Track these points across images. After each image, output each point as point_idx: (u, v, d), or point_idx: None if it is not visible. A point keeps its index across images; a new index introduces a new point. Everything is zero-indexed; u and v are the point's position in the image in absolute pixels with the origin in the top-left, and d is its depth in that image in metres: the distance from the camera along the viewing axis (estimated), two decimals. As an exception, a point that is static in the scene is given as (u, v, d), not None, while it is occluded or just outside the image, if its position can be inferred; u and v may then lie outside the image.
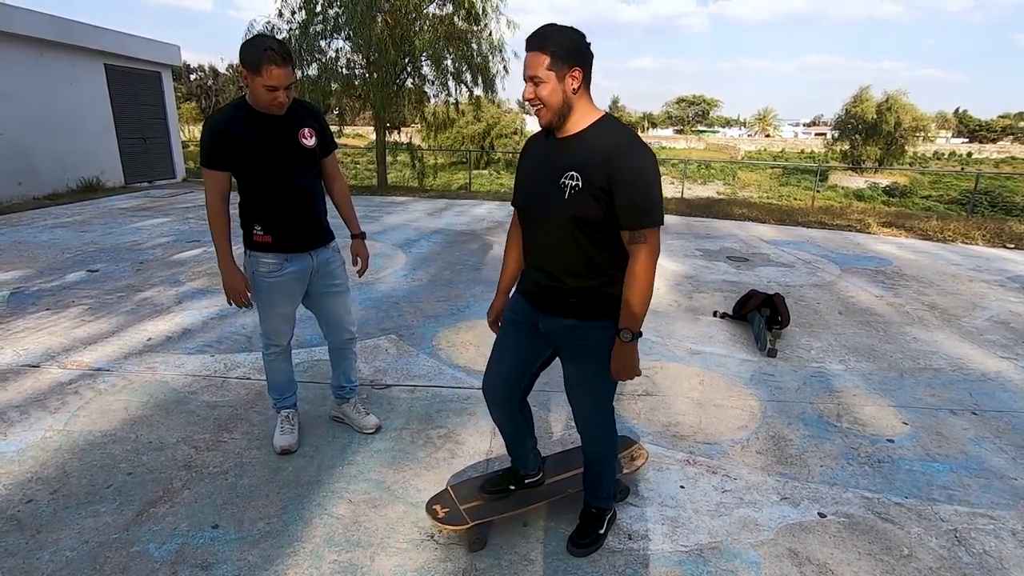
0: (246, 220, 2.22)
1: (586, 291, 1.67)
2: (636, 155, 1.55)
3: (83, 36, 9.99)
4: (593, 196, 1.55)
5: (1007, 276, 5.83)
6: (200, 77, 49.69)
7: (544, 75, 1.55)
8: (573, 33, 1.55)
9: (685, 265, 5.87)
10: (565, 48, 1.53)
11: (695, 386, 3.18)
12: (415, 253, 6.04)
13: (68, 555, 1.86)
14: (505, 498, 2.04)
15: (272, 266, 2.22)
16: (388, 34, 10.35)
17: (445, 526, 1.92)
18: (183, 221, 7.54)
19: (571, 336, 1.73)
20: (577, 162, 1.58)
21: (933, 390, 3.22)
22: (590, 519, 1.99)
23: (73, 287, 4.62)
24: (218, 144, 2.06)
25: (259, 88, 1.97)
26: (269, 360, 2.44)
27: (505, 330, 1.91)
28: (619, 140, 1.56)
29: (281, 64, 1.94)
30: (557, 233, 1.65)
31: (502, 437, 2.06)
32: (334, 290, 2.40)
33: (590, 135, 1.59)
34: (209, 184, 2.13)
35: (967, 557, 1.96)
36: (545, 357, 1.89)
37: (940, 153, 54.90)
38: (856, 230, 8.26)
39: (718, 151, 55.64)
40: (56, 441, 2.48)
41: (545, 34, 1.54)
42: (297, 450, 2.44)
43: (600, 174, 1.54)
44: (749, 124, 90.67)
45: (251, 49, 1.93)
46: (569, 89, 1.56)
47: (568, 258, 1.66)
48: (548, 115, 1.60)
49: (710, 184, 27.50)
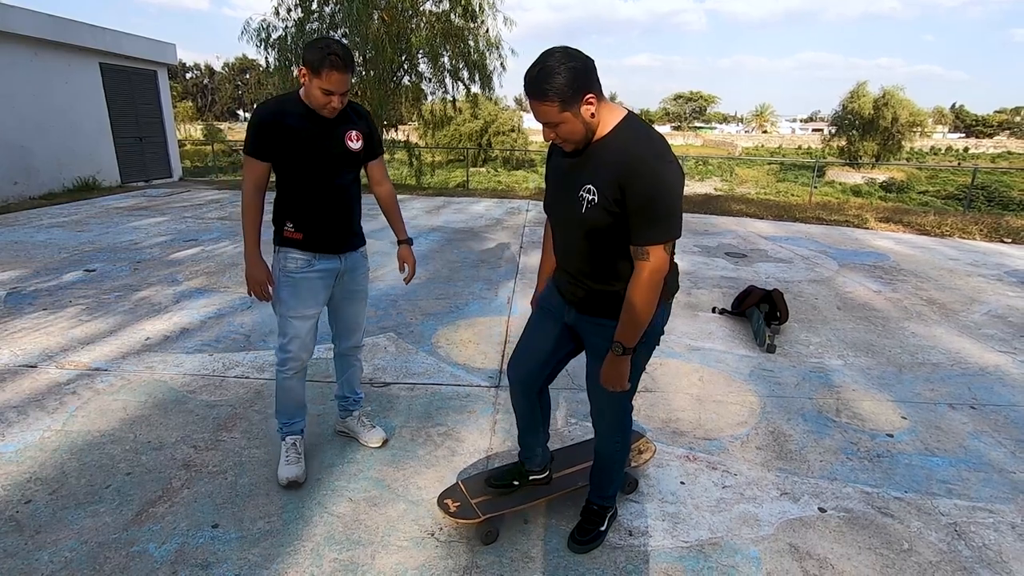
0: (279, 216, 2.17)
1: (608, 294, 1.66)
2: (655, 163, 1.46)
3: (79, 35, 9.93)
4: (608, 210, 1.52)
5: (1004, 271, 5.85)
6: (196, 76, 49.52)
7: (559, 118, 1.48)
8: (570, 65, 1.43)
9: (683, 262, 5.87)
10: (570, 88, 1.43)
11: (694, 382, 3.18)
12: (414, 251, 6.02)
13: (67, 555, 1.85)
14: (509, 493, 2.04)
15: (300, 262, 2.15)
16: (385, 31, 10.32)
17: (458, 520, 1.93)
18: (180, 220, 7.51)
19: (593, 332, 1.74)
20: (594, 176, 1.53)
21: (932, 385, 3.23)
22: (592, 516, 1.99)
23: (70, 287, 4.60)
24: (264, 133, 2.02)
25: (316, 89, 1.96)
26: (284, 378, 2.24)
27: (536, 315, 1.94)
28: (638, 147, 1.48)
29: (342, 70, 1.94)
30: (577, 242, 1.64)
31: (517, 423, 2.05)
32: (357, 297, 2.35)
33: (607, 145, 1.53)
34: (248, 172, 2.09)
35: (967, 551, 1.97)
36: (570, 348, 1.90)
37: (937, 148, 55.03)
38: (854, 225, 8.27)
39: (715, 147, 55.67)
40: (54, 441, 2.47)
41: (544, 82, 1.43)
42: (305, 481, 2.24)
43: (613, 186, 1.49)
44: (747, 120, 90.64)
45: (315, 51, 1.93)
46: (588, 116, 1.48)
47: (589, 266, 1.66)
48: (575, 145, 1.56)
49: (708, 180, 27.49)
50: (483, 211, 8.82)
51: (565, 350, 1.90)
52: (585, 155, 1.57)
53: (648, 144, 1.49)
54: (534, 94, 1.46)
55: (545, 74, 1.43)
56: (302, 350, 2.22)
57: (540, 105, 1.47)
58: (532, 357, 1.92)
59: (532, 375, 1.93)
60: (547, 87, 1.43)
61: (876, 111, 28.25)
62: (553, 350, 1.89)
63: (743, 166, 30.41)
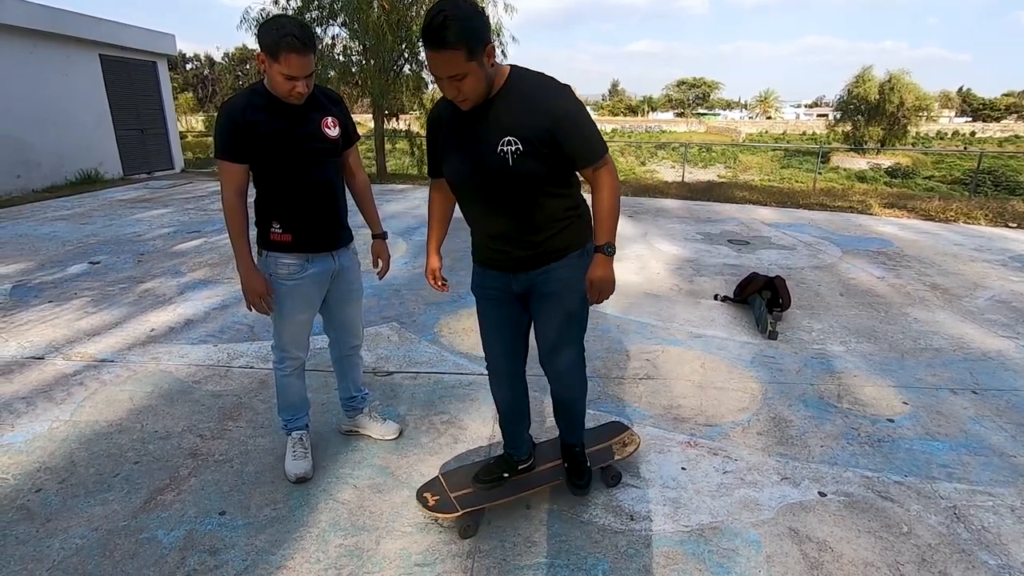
0: (262, 217, 2.03)
1: (548, 240, 1.70)
2: (564, 97, 1.55)
3: (77, 26, 9.90)
4: (537, 155, 1.55)
5: (1009, 256, 5.82)
6: (196, 66, 49.31)
7: (465, 68, 1.44)
8: (469, 12, 1.42)
9: (686, 249, 5.86)
10: (473, 36, 1.42)
11: (696, 369, 3.19)
12: (415, 241, 6.03)
13: (78, 543, 1.89)
14: (499, 486, 2.03)
15: (292, 268, 2.04)
16: (385, 20, 10.24)
17: (436, 514, 1.92)
18: (183, 212, 7.53)
19: (545, 281, 1.76)
20: (510, 127, 1.53)
21: (933, 370, 3.23)
22: (577, 456, 2.06)
23: (75, 279, 4.63)
24: (237, 132, 1.86)
25: (277, 76, 1.81)
26: (282, 376, 2.22)
27: (485, 307, 1.93)
28: (543, 89, 1.55)
29: (301, 51, 1.77)
30: (507, 200, 1.64)
31: (500, 418, 2.08)
32: (353, 296, 2.26)
33: (510, 94, 1.55)
34: (224, 178, 1.93)
35: (965, 533, 1.98)
36: (527, 317, 1.91)
37: (943, 133, 54.52)
38: (858, 212, 8.23)
39: (719, 134, 55.28)
40: (63, 431, 2.51)
41: (448, 30, 1.39)
42: (312, 477, 2.22)
43: (539, 130, 1.53)
44: (750, 106, 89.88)
45: (269, 32, 1.77)
46: (488, 67, 1.50)
47: (523, 219, 1.67)
48: (474, 102, 1.54)
49: (711, 168, 27.35)
50: (485, 200, 8.79)
51: (526, 321, 1.91)
52: (487, 111, 1.57)
53: (550, 84, 1.58)
54: (439, 43, 1.41)
55: (449, 22, 1.39)
56: (299, 349, 2.21)
57: (445, 54, 1.42)
58: (504, 344, 1.93)
59: (511, 361, 1.95)
60: (452, 35, 1.40)
61: (882, 96, 27.96)
62: (516, 329, 1.91)
63: (747, 153, 30.19)
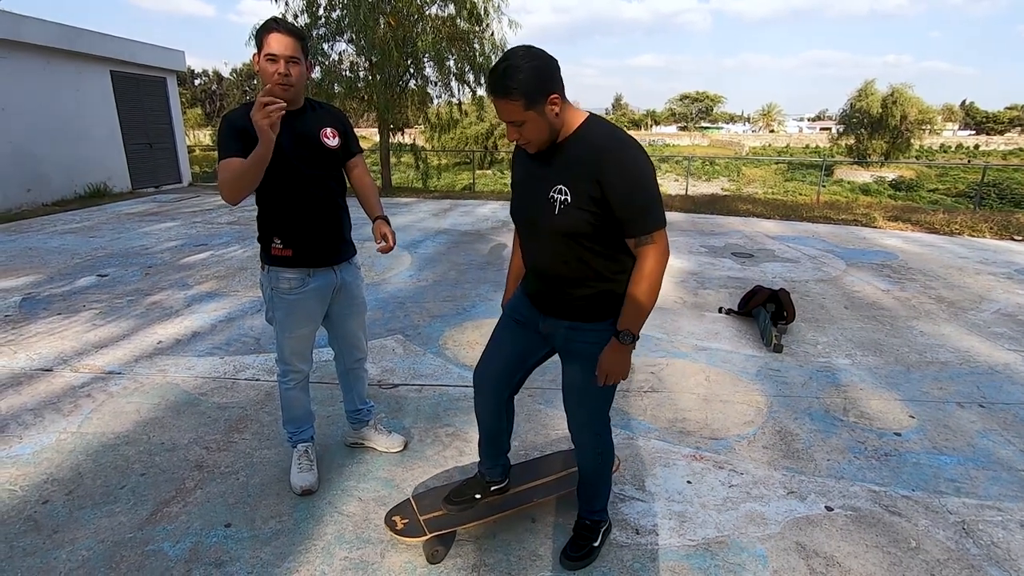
0: (264, 233, 2.06)
1: (587, 296, 1.64)
2: (623, 155, 1.47)
3: (89, 43, 10.08)
4: (584, 209, 1.50)
5: (1015, 268, 5.80)
6: (205, 82, 49.96)
7: (523, 117, 1.46)
8: (534, 63, 1.43)
9: (690, 262, 5.87)
10: (533, 87, 1.42)
11: (701, 382, 3.19)
12: (421, 254, 6.06)
13: (84, 554, 1.89)
14: (471, 508, 1.97)
15: (293, 282, 2.06)
16: (391, 36, 10.39)
17: (402, 538, 1.87)
18: (190, 225, 7.60)
19: (571, 337, 1.69)
20: (564, 175, 1.52)
21: (940, 383, 3.22)
22: (584, 531, 1.93)
23: (83, 292, 4.67)
24: (235, 136, 1.90)
25: (264, 63, 1.86)
26: (286, 389, 2.23)
27: (504, 325, 1.88)
28: (604, 143, 1.48)
29: (282, 32, 1.84)
30: (552, 246, 1.60)
31: (479, 435, 1.98)
32: (356, 310, 2.27)
33: (574, 143, 1.51)
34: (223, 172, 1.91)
35: (975, 549, 1.97)
36: (540, 355, 1.85)
37: (947, 146, 54.55)
38: (862, 224, 8.23)
39: (722, 147, 55.48)
40: (70, 443, 2.52)
41: (508, 79, 1.42)
42: (317, 489, 2.23)
43: (588, 184, 1.47)
44: (753, 120, 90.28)
45: (260, 28, 1.87)
46: (551, 116, 1.47)
47: (566, 269, 1.61)
48: (537, 146, 1.54)
49: (715, 181, 27.43)
50: (489, 213, 8.85)
51: (536, 356, 1.85)
52: (551, 156, 1.56)
53: (615, 138, 1.50)
54: (497, 91, 1.45)
55: (510, 72, 1.42)
56: (302, 362, 2.21)
57: (504, 103, 1.45)
58: (502, 362, 1.85)
59: (502, 381, 1.87)
60: (511, 84, 1.42)
61: (885, 109, 28.07)
62: (523, 356, 1.84)
63: (750, 166, 30.29)
